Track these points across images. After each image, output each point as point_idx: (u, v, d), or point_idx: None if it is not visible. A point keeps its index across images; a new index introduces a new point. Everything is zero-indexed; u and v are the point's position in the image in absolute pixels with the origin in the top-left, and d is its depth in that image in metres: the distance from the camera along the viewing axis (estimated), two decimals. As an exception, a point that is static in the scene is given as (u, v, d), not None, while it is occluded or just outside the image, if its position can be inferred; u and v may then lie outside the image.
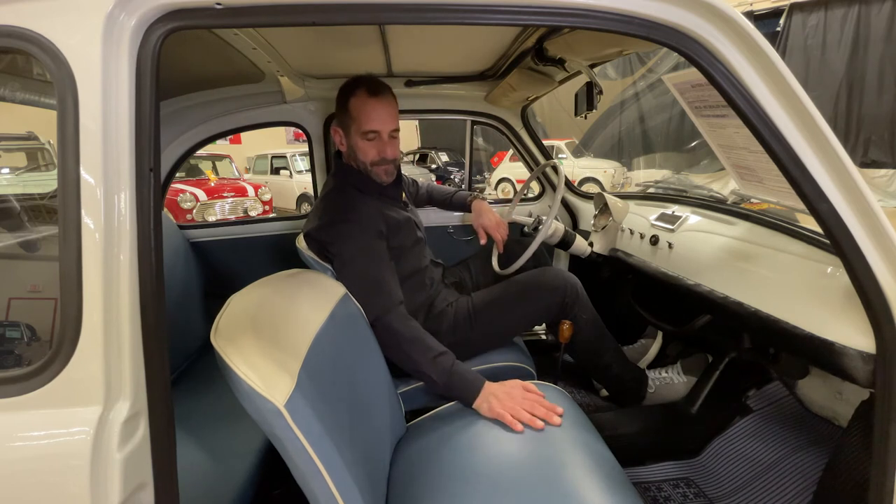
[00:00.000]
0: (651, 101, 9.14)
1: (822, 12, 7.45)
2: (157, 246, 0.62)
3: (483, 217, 1.67)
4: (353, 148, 1.30)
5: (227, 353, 0.67)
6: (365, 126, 1.26)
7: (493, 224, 1.65)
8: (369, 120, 1.25)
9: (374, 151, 1.29)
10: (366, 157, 1.30)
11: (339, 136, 1.33)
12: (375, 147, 1.29)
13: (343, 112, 1.29)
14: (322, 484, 0.68)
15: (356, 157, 1.31)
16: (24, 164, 5.00)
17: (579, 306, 1.44)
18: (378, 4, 0.64)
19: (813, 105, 0.68)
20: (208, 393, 1.36)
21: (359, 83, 1.27)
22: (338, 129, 1.33)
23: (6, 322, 0.81)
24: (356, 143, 1.29)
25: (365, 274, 1.19)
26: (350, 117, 1.27)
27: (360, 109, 1.25)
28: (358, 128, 1.27)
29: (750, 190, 1.06)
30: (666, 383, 1.59)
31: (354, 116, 1.26)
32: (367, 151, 1.29)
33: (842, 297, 0.87)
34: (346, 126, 1.30)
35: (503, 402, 1.01)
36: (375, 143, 1.28)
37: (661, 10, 0.66)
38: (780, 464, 1.29)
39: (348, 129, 1.30)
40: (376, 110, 1.26)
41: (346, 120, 1.29)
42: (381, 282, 1.21)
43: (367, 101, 1.25)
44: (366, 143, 1.28)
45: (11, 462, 0.59)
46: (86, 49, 0.58)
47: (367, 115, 1.25)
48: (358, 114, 1.26)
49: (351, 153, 1.33)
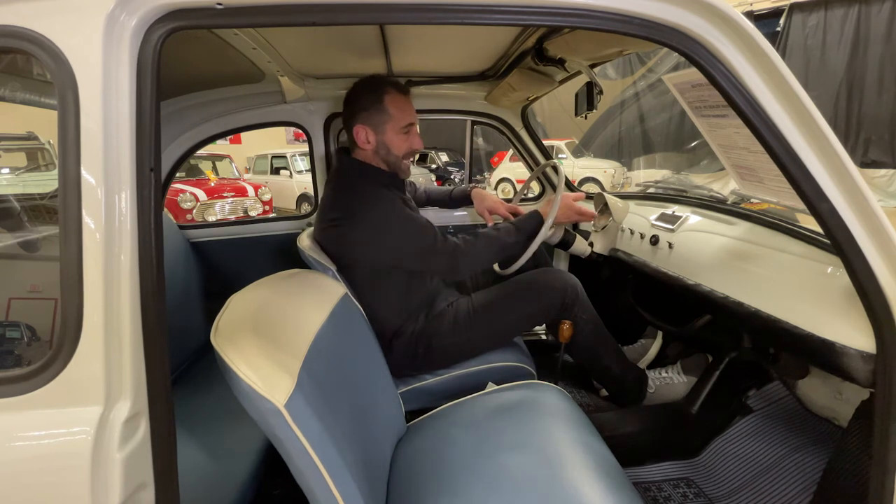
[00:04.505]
0: (651, 101, 9.14)
1: (822, 12, 7.46)
2: (157, 246, 0.62)
3: (486, 201, 1.75)
4: (387, 145, 1.33)
5: (227, 353, 0.67)
6: (404, 121, 1.32)
7: (495, 204, 1.74)
8: (408, 114, 1.33)
9: (407, 144, 1.36)
10: (399, 151, 1.34)
11: (365, 133, 1.32)
12: (409, 140, 1.36)
13: (376, 111, 1.30)
14: (322, 484, 0.68)
15: (388, 153, 1.34)
16: (24, 164, 5.00)
17: (579, 306, 1.45)
18: (378, 4, 0.64)
19: (813, 105, 0.68)
20: (208, 393, 1.36)
21: (386, 82, 1.32)
22: (364, 128, 1.32)
23: (7, 322, 0.81)
24: (391, 139, 1.32)
25: (418, 241, 1.28)
26: (387, 115, 1.30)
27: (398, 106, 1.31)
28: (396, 123, 1.32)
29: (750, 190, 1.06)
30: (666, 383, 1.59)
31: (392, 113, 1.30)
32: (401, 145, 1.34)
33: (842, 297, 0.87)
34: (379, 124, 1.31)
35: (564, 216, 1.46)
36: (410, 136, 1.36)
37: (661, 11, 0.66)
38: (780, 464, 1.29)
39: (382, 126, 1.31)
40: (410, 105, 1.35)
41: (380, 118, 1.30)
42: (436, 238, 1.30)
43: (403, 98, 1.33)
44: (402, 138, 1.34)
45: (12, 462, 0.59)
46: (86, 49, 0.58)
47: (405, 111, 1.33)
48: (396, 110, 1.31)
49: (381, 151, 1.33)
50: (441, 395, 1.33)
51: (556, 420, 1.02)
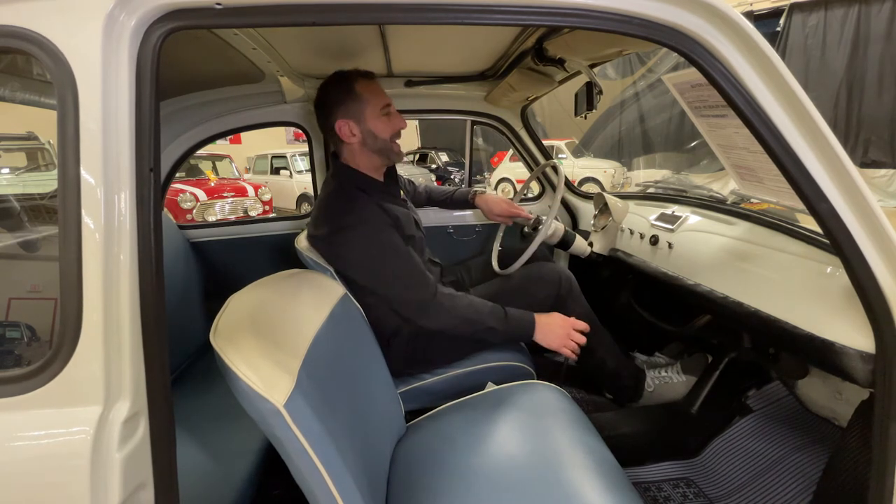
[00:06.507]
0: (651, 101, 9.13)
1: (822, 12, 7.45)
2: (157, 246, 0.62)
3: (495, 208, 1.77)
4: (372, 131, 1.31)
5: (227, 354, 0.67)
6: (380, 102, 1.30)
7: (505, 209, 1.76)
8: (381, 96, 1.31)
9: (390, 126, 1.33)
10: (385, 134, 1.32)
11: (348, 126, 1.30)
12: (391, 121, 1.33)
13: (350, 100, 1.29)
14: (322, 484, 0.68)
15: (375, 139, 1.32)
16: (24, 164, 5.00)
17: (573, 299, 1.47)
18: (378, 4, 0.64)
19: (812, 105, 0.68)
20: (208, 393, 1.36)
21: (351, 72, 1.32)
22: (346, 121, 1.30)
23: (6, 322, 0.81)
24: (374, 125, 1.31)
25: (397, 271, 1.23)
26: (363, 101, 1.29)
27: (370, 90, 1.30)
28: (374, 107, 1.30)
29: (750, 190, 1.06)
30: (665, 383, 1.59)
31: (367, 98, 1.29)
32: (384, 128, 1.32)
33: (841, 297, 0.87)
34: (357, 112, 1.29)
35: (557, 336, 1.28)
36: (391, 117, 1.33)
37: (661, 11, 0.66)
38: (780, 464, 1.29)
39: (361, 114, 1.29)
40: (381, 88, 1.33)
41: (357, 106, 1.29)
42: (413, 273, 1.24)
43: (372, 82, 1.32)
44: (383, 120, 1.32)
45: (11, 462, 0.59)
46: (86, 49, 0.58)
47: (377, 93, 1.31)
48: (370, 94, 1.30)
49: (368, 140, 1.31)
50: (440, 394, 1.33)
51: (556, 420, 1.02)
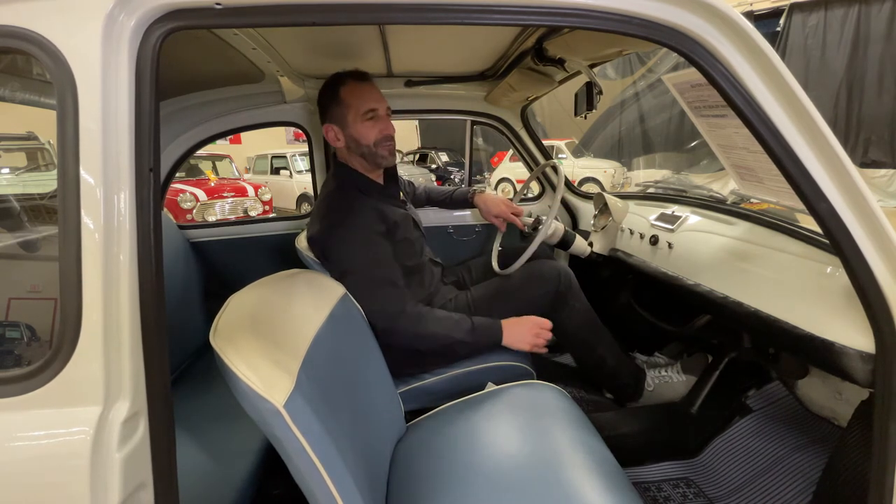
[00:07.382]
0: (651, 101, 9.13)
1: (822, 12, 7.45)
2: (157, 246, 0.62)
3: (493, 208, 1.76)
4: (354, 137, 1.30)
5: (227, 354, 0.67)
6: (364, 106, 1.29)
7: (503, 210, 1.75)
8: (366, 100, 1.29)
9: (375, 130, 1.31)
10: (368, 139, 1.30)
11: (333, 132, 1.32)
12: (377, 126, 1.31)
13: (335, 105, 1.30)
14: (321, 484, 0.68)
15: (358, 145, 1.31)
16: (24, 164, 5.00)
17: (572, 295, 1.48)
18: (378, 4, 0.64)
19: (812, 105, 0.68)
20: (208, 393, 1.36)
21: (342, 75, 1.31)
22: (331, 126, 1.32)
23: (6, 322, 0.81)
24: (357, 130, 1.30)
25: (371, 280, 1.21)
26: (345, 106, 1.29)
27: (354, 94, 1.29)
28: (356, 112, 1.29)
29: (750, 190, 1.06)
30: (665, 382, 1.59)
31: (350, 102, 1.28)
32: (368, 133, 1.30)
33: (841, 297, 0.87)
34: (341, 118, 1.30)
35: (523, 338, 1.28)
36: (376, 121, 1.31)
37: (661, 11, 0.66)
38: (780, 464, 1.29)
39: (344, 119, 1.30)
40: (370, 91, 1.31)
41: (340, 111, 1.29)
42: (389, 284, 1.23)
43: (359, 85, 1.30)
44: (367, 125, 1.30)
45: (11, 462, 0.59)
46: (86, 49, 0.58)
47: (362, 97, 1.29)
48: (353, 99, 1.28)
49: (351, 145, 1.32)
50: (440, 394, 1.33)
51: (556, 420, 1.02)
